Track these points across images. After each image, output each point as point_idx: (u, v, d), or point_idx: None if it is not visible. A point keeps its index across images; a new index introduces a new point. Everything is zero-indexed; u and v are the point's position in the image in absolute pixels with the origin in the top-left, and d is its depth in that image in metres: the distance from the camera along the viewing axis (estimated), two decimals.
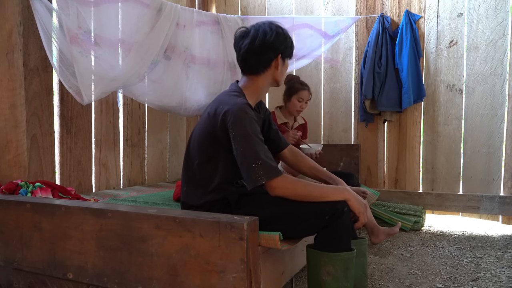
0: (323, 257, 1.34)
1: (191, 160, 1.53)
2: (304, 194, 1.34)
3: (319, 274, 1.35)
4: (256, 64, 1.52)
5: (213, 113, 1.45)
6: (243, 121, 1.37)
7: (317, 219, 1.32)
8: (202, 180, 1.50)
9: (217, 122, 1.42)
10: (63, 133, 2.41)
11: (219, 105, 1.45)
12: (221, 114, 1.41)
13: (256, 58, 1.50)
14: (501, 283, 1.88)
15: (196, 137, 1.52)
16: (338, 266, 1.33)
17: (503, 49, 2.91)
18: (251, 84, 1.55)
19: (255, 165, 1.32)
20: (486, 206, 2.93)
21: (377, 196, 2.80)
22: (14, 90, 1.92)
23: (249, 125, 1.37)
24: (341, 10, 3.41)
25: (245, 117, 1.37)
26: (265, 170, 1.32)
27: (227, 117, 1.38)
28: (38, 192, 1.73)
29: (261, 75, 1.54)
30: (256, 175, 1.32)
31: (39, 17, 1.93)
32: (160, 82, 2.70)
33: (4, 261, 1.45)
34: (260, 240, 1.29)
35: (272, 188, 1.35)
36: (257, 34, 1.49)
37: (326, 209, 1.31)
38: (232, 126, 1.37)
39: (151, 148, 3.16)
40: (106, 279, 1.24)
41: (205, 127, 1.47)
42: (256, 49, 1.48)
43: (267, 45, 1.48)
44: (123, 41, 2.38)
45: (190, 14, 2.79)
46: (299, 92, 2.62)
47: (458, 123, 3.07)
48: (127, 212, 1.20)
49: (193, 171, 1.52)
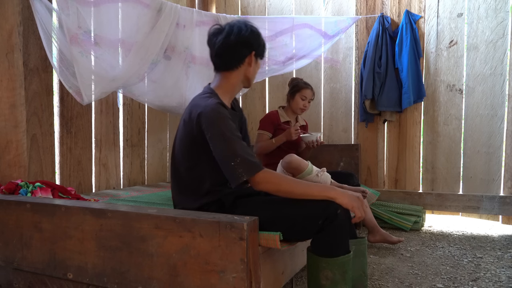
0: (321, 262, 1.33)
1: (178, 167, 1.53)
2: (287, 190, 1.34)
3: (318, 278, 1.35)
4: (230, 59, 1.52)
5: (188, 118, 1.46)
6: (217, 121, 1.37)
7: (311, 223, 1.31)
8: (192, 185, 1.50)
9: (193, 126, 1.43)
10: (63, 133, 2.41)
11: (192, 109, 1.46)
12: (195, 118, 1.42)
13: (230, 53, 1.51)
14: (501, 283, 1.88)
15: (178, 144, 1.53)
16: (336, 270, 1.32)
17: (503, 49, 2.91)
18: (224, 82, 1.56)
19: (234, 163, 1.32)
20: (486, 206, 2.93)
21: (377, 196, 2.80)
22: (14, 90, 1.92)
23: (223, 124, 1.37)
24: (341, 10, 3.41)
25: (218, 116, 1.38)
26: (245, 167, 1.32)
27: (201, 120, 1.40)
28: (38, 192, 1.73)
29: (234, 72, 1.54)
30: (237, 172, 1.32)
31: (39, 17, 1.93)
32: (160, 82, 2.70)
33: (4, 261, 1.45)
34: (260, 240, 1.29)
35: (256, 183, 1.35)
36: (232, 30, 1.50)
37: (319, 213, 1.30)
38: (207, 128, 1.38)
39: (151, 148, 3.16)
40: (106, 279, 1.24)
41: (184, 133, 1.49)
42: (231, 44, 1.49)
43: (242, 41, 1.50)
44: (123, 41, 2.38)
45: (190, 14, 2.79)
46: (303, 90, 2.67)
47: (458, 123, 3.07)
48: (127, 212, 1.20)
49: (182, 177, 1.53)
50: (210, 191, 1.48)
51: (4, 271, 1.46)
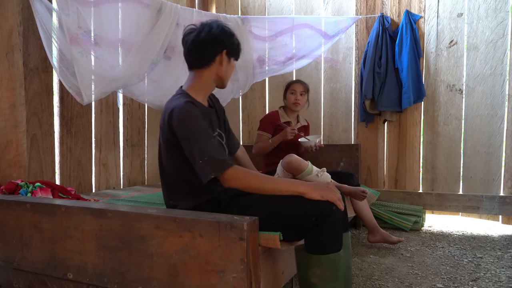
0: (309, 259, 1.33)
1: (166, 172, 1.55)
2: (256, 187, 1.34)
3: (307, 276, 1.34)
4: (201, 57, 1.53)
5: (162, 122, 1.48)
6: (185, 120, 1.39)
7: (305, 220, 1.30)
8: (183, 187, 1.51)
9: (166, 128, 1.45)
10: (63, 133, 2.40)
11: (165, 113, 1.48)
12: (167, 119, 1.44)
13: (201, 51, 1.52)
14: (501, 283, 1.88)
15: (161, 149, 1.56)
16: (326, 268, 1.31)
17: (503, 49, 2.91)
18: (196, 81, 1.57)
19: (202, 162, 1.33)
20: (486, 206, 2.93)
21: (377, 196, 2.80)
22: (14, 90, 1.92)
23: (192, 122, 1.38)
24: (341, 10, 3.41)
25: (187, 115, 1.39)
26: (212, 165, 1.33)
27: (172, 120, 1.41)
28: (38, 192, 1.73)
29: (206, 70, 1.54)
30: (205, 170, 1.33)
31: (39, 17, 1.93)
32: (160, 82, 2.70)
33: (4, 261, 1.45)
34: (260, 240, 1.29)
35: (225, 180, 1.35)
36: (203, 28, 1.52)
37: (312, 210, 1.29)
38: (177, 128, 1.40)
39: (151, 148, 3.16)
40: (106, 279, 1.24)
41: (162, 138, 1.51)
42: (201, 42, 1.50)
43: (212, 38, 1.50)
44: (123, 41, 2.38)
45: (190, 14, 2.79)
46: (291, 85, 2.75)
47: (458, 123, 3.07)
48: (127, 212, 1.20)
49: (171, 181, 1.55)
50: (203, 190, 1.48)
51: (4, 271, 1.46)
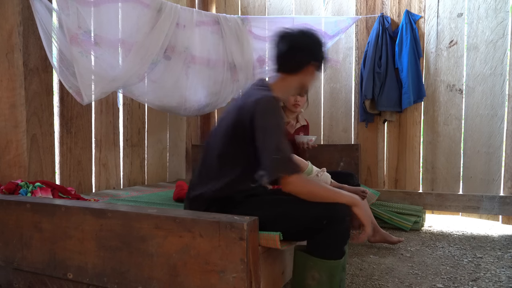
0: (310, 262, 1.33)
1: (211, 152, 1.50)
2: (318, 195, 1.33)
3: (304, 277, 1.34)
4: (290, 63, 1.53)
5: (242, 106, 1.44)
6: (269, 113, 1.38)
7: (315, 223, 1.31)
8: (216, 172, 1.47)
9: (245, 115, 1.41)
10: (63, 133, 2.40)
11: (247, 99, 1.45)
12: (249, 106, 1.40)
13: (292, 57, 1.52)
14: (501, 283, 1.88)
15: (222, 129, 1.49)
16: (324, 272, 1.32)
17: (503, 49, 2.91)
18: (281, 83, 1.56)
19: (276, 157, 1.31)
20: (486, 206, 2.93)
21: (377, 196, 2.80)
22: (14, 90, 1.92)
23: (275, 117, 1.38)
24: (341, 10, 3.41)
25: (273, 108, 1.39)
26: (284, 164, 1.32)
27: (254, 109, 1.38)
28: (38, 192, 1.73)
29: (292, 76, 1.55)
30: (276, 166, 1.31)
31: (39, 17, 1.93)
32: (160, 82, 2.70)
33: (4, 261, 1.45)
34: (260, 240, 1.29)
35: (287, 182, 1.33)
36: (298, 35, 1.53)
37: (325, 213, 1.30)
38: (258, 117, 1.37)
39: (151, 148, 3.16)
40: (106, 279, 1.24)
41: (233, 120, 1.45)
42: (294, 48, 1.51)
43: (304, 47, 1.52)
44: (123, 41, 2.38)
45: (190, 14, 2.79)
46: None
47: (458, 123, 3.07)
48: (127, 212, 1.20)
49: (210, 162, 1.49)
50: (229, 184, 1.45)
51: (4, 271, 1.46)
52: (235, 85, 3.15)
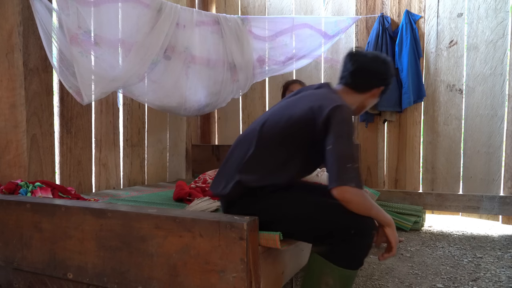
0: (328, 268, 1.33)
1: (263, 140, 1.45)
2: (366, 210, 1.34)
3: (319, 282, 1.34)
4: (361, 82, 1.55)
5: (318, 106, 1.41)
6: (349, 122, 1.39)
7: (343, 230, 1.31)
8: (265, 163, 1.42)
9: (319, 116, 1.39)
10: (63, 133, 2.40)
11: (323, 101, 1.44)
12: (327, 108, 1.39)
13: (365, 77, 1.54)
14: (501, 283, 1.88)
15: (283, 120, 1.45)
16: (340, 281, 1.32)
17: (503, 49, 2.91)
18: (345, 95, 1.56)
19: (350, 166, 1.31)
20: (486, 206, 2.93)
21: (377, 196, 2.80)
22: (14, 90, 1.92)
23: (351, 127, 1.39)
24: (341, 10, 3.41)
25: (350, 118, 1.40)
26: (355, 175, 1.31)
27: (335, 113, 1.37)
28: (38, 191, 1.73)
29: (356, 94, 1.56)
30: (347, 175, 1.30)
31: (39, 17, 1.93)
32: (160, 82, 2.70)
33: (4, 261, 1.45)
34: (260, 240, 1.29)
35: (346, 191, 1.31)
36: (376, 59, 1.56)
37: (353, 223, 1.31)
38: (336, 122, 1.36)
39: (151, 148, 3.16)
40: (106, 279, 1.24)
41: (302, 115, 1.42)
42: (370, 70, 1.54)
43: (381, 72, 1.55)
44: (123, 41, 2.38)
45: (190, 14, 2.79)
46: (289, 86, 2.74)
47: (458, 123, 3.07)
48: (127, 212, 1.20)
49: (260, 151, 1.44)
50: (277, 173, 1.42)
51: (4, 271, 1.46)
52: (235, 85, 3.15)
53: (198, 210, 1.76)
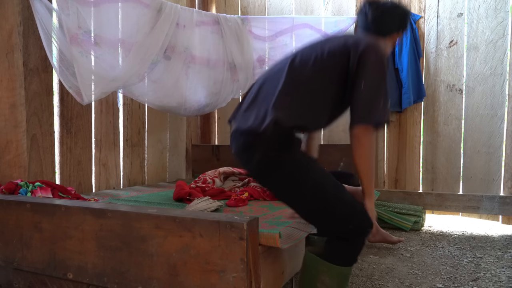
0: (324, 266, 1.33)
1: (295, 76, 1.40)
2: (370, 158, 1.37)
3: (315, 281, 1.34)
4: (385, 25, 1.57)
5: (352, 42, 1.40)
6: (383, 59, 1.39)
7: (342, 224, 1.31)
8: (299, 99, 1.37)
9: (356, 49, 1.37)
10: (63, 133, 2.40)
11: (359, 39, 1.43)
12: (363, 43, 1.38)
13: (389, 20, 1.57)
14: (501, 283, 1.88)
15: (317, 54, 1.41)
16: (336, 278, 1.33)
17: (503, 49, 2.91)
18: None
19: (381, 104, 1.31)
20: (486, 206, 2.93)
21: (377, 196, 2.80)
22: (14, 90, 1.92)
23: (385, 66, 1.38)
24: (341, 10, 3.41)
25: (384, 57, 1.40)
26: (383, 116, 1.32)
27: (369, 48, 1.37)
28: (38, 191, 1.73)
29: (381, 38, 1.57)
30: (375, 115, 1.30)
31: (39, 17, 1.93)
32: (160, 82, 2.70)
33: (4, 261, 1.45)
34: (260, 239, 1.29)
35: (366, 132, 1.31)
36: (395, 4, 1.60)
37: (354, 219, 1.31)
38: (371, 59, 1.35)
39: (151, 148, 3.16)
40: (106, 279, 1.24)
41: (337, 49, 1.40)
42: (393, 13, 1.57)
43: (402, 18, 1.59)
44: (123, 41, 2.38)
45: (190, 14, 2.79)
46: None
47: (458, 123, 3.07)
48: (127, 212, 1.20)
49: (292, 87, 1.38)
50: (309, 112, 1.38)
51: (4, 271, 1.46)
52: (235, 85, 3.16)
53: (198, 210, 1.76)
